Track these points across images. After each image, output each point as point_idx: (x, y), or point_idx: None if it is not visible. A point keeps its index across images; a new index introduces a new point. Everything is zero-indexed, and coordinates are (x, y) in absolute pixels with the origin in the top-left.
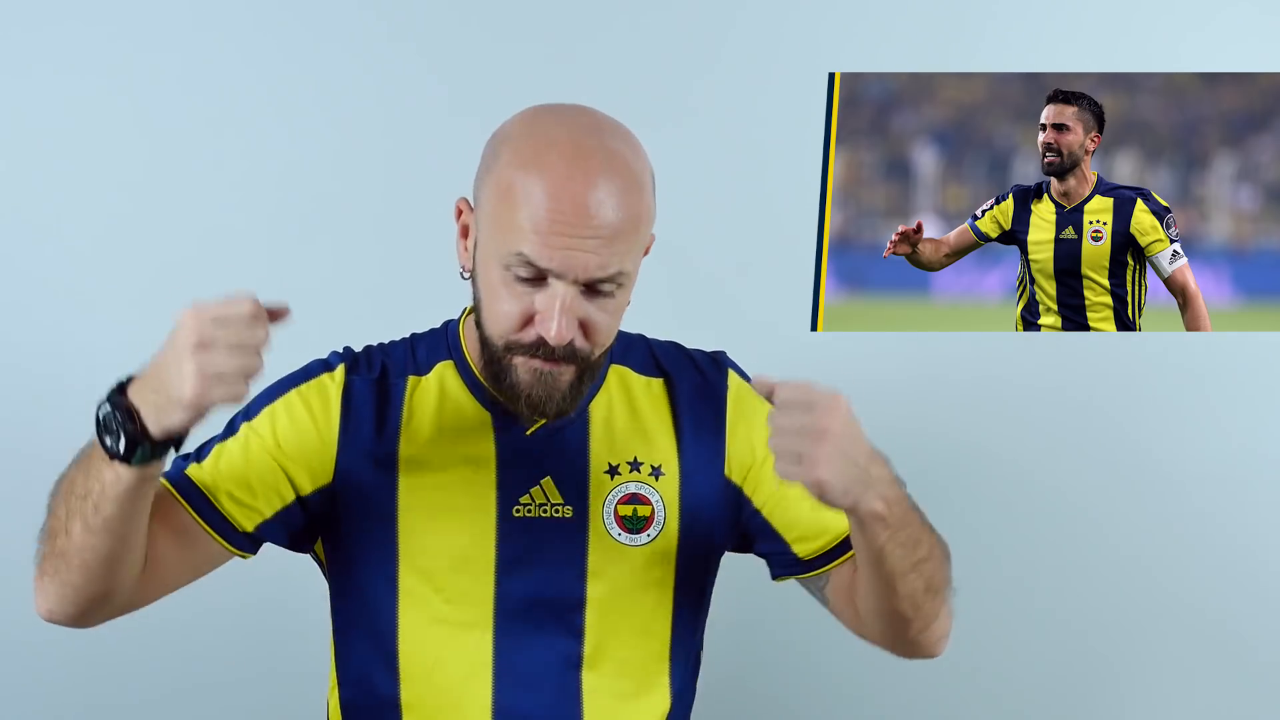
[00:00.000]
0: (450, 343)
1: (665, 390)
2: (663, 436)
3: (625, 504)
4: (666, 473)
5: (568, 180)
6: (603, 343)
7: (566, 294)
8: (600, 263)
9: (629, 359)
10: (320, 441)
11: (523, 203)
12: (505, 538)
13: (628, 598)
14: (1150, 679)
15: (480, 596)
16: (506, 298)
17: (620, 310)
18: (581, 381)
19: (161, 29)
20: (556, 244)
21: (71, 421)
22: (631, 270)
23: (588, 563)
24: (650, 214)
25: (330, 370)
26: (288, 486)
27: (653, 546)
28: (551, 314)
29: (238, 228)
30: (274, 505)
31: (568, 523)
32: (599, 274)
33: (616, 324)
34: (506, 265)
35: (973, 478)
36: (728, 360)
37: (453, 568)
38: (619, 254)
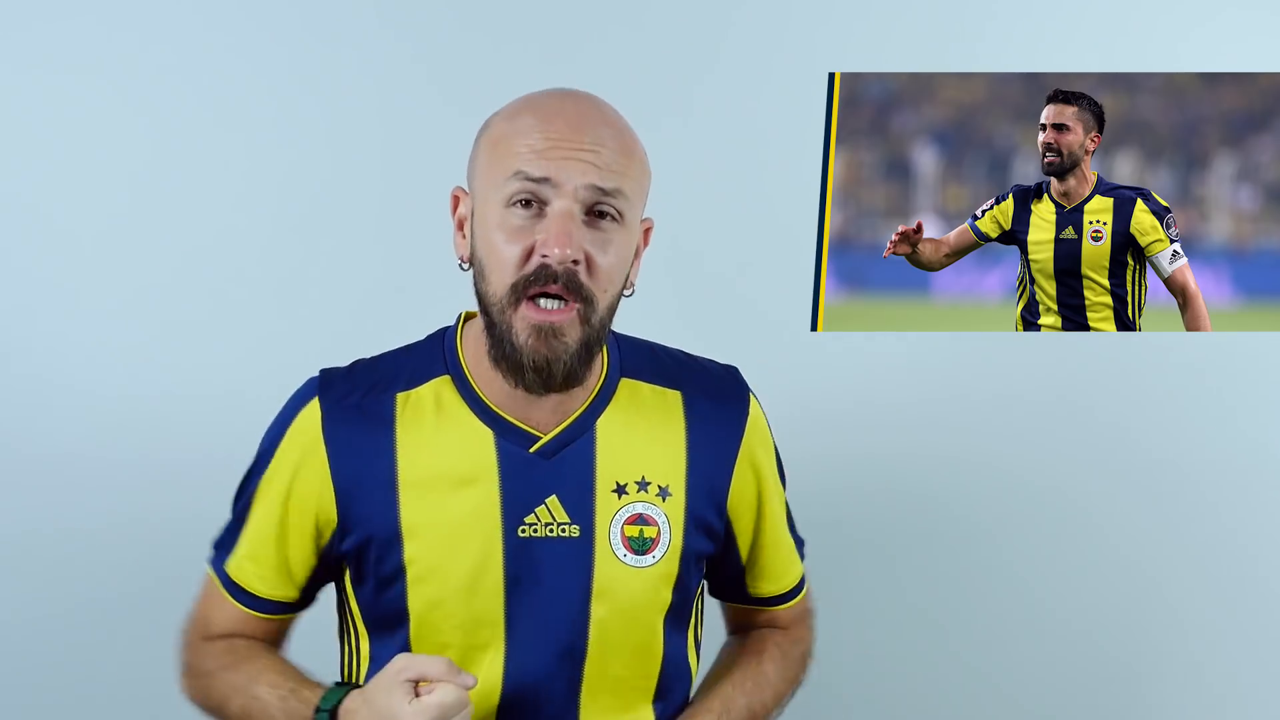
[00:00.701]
0: (447, 355)
1: (681, 404)
2: (672, 453)
3: (632, 524)
4: (674, 494)
5: (559, 108)
6: (605, 287)
7: (566, 207)
8: (598, 172)
9: (638, 369)
10: (313, 491)
11: (515, 137)
12: (512, 559)
13: (630, 618)
14: (1150, 678)
15: (490, 619)
16: (506, 243)
17: (622, 256)
18: (588, 344)
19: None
20: (554, 155)
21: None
22: (632, 200)
23: (593, 584)
24: (644, 170)
25: (305, 404)
26: (308, 550)
27: (657, 569)
28: (552, 231)
29: (238, 226)
30: (304, 573)
31: (574, 543)
32: (599, 182)
33: (619, 273)
34: (506, 199)
35: (973, 477)
36: (745, 383)
37: (460, 592)
38: (616, 170)
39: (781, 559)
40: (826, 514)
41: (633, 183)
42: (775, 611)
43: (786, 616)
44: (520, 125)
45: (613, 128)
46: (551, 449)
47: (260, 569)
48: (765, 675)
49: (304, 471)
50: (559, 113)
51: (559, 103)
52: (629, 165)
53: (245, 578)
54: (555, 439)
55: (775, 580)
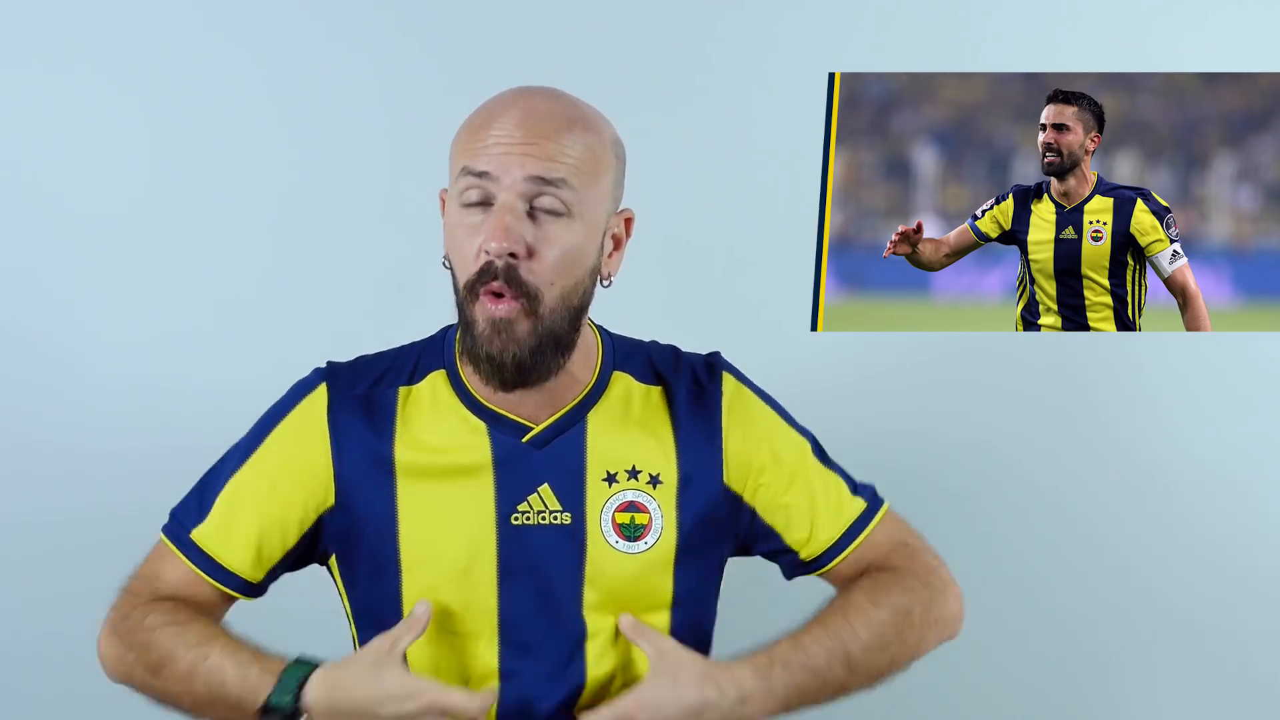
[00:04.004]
0: (446, 351)
1: (663, 398)
2: (662, 444)
3: (623, 512)
4: (665, 481)
5: (510, 104)
6: (552, 279)
7: (506, 200)
8: (539, 163)
9: (630, 366)
10: (312, 469)
11: (467, 136)
12: (505, 546)
13: (625, 605)
14: (1149, 678)
15: (484, 606)
16: (463, 241)
17: (574, 248)
18: (540, 337)
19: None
20: (496, 150)
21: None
22: (581, 190)
23: (584, 570)
24: (606, 161)
25: (311, 390)
26: (290, 530)
27: (650, 555)
28: (489, 226)
29: (244, 223)
30: (276, 554)
31: (566, 529)
32: (539, 173)
33: (572, 265)
34: (460, 197)
35: (972, 477)
36: (722, 363)
37: (455, 579)
38: (562, 160)
39: (824, 503)
40: None
41: (583, 174)
42: (858, 553)
43: (875, 554)
44: (473, 124)
45: (562, 120)
46: (543, 439)
47: (230, 540)
48: (852, 604)
49: (304, 452)
50: (508, 109)
51: (511, 99)
52: (578, 155)
53: (212, 546)
54: (547, 429)
55: (830, 525)
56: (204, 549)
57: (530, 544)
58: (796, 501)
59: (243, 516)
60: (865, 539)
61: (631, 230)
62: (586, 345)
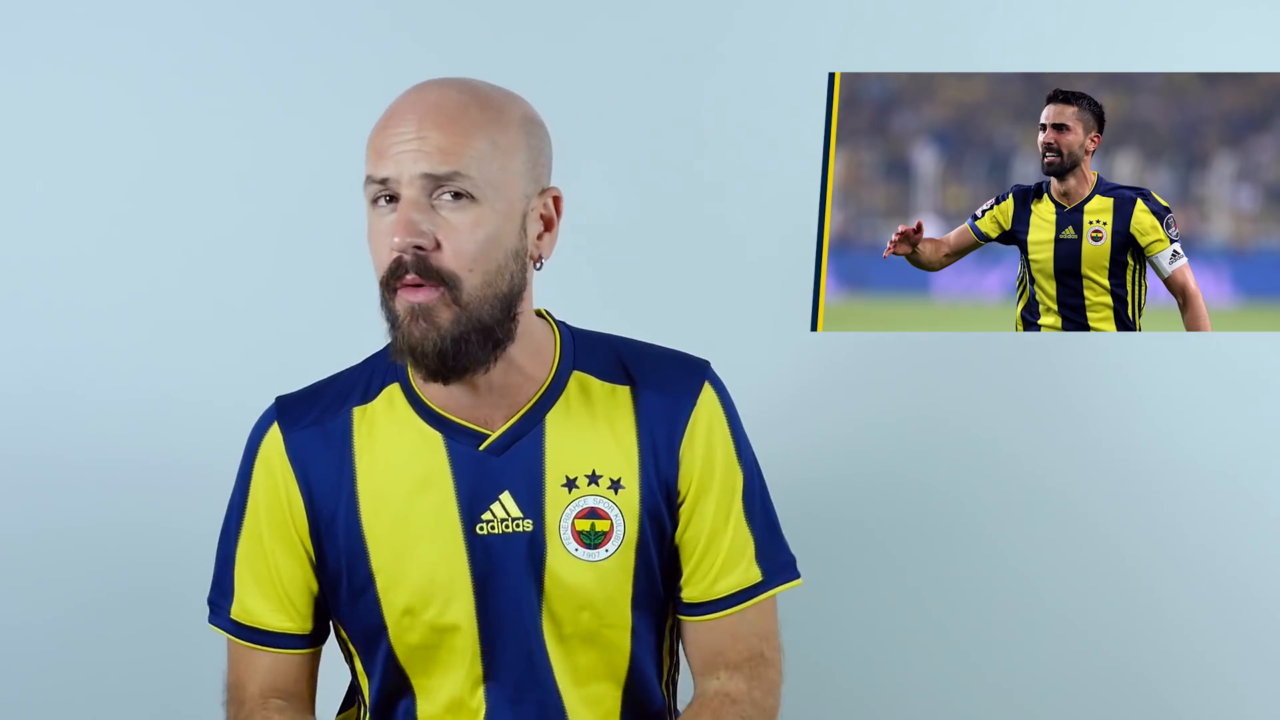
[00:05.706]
0: (398, 363)
1: (630, 398)
2: (624, 447)
3: (583, 519)
4: (626, 486)
5: (405, 103)
6: (469, 265)
7: (408, 196)
8: (428, 160)
9: (591, 364)
10: (290, 507)
11: (370, 142)
12: (475, 558)
13: (587, 612)
14: (1149, 677)
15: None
16: (377, 240)
17: (484, 231)
18: (464, 326)
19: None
20: (390, 153)
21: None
22: (479, 178)
23: (545, 578)
24: (517, 141)
25: (265, 432)
26: (306, 572)
27: (611, 562)
28: (390, 224)
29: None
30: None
31: (527, 538)
32: (429, 170)
33: (488, 250)
34: (370, 202)
35: (972, 478)
36: (709, 373)
37: (431, 595)
38: (452, 152)
39: (726, 556)
40: (826, 513)
41: (483, 159)
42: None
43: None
44: (375, 129)
45: (455, 109)
46: (500, 445)
47: (264, 604)
48: None
49: (277, 497)
50: (404, 110)
51: (407, 98)
52: (476, 142)
53: (252, 618)
54: (503, 435)
55: (717, 580)
56: (250, 625)
57: (496, 554)
58: (705, 539)
59: (262, 579)
60: (737, 613)
61: (561, 209)
62: (538, 340)
